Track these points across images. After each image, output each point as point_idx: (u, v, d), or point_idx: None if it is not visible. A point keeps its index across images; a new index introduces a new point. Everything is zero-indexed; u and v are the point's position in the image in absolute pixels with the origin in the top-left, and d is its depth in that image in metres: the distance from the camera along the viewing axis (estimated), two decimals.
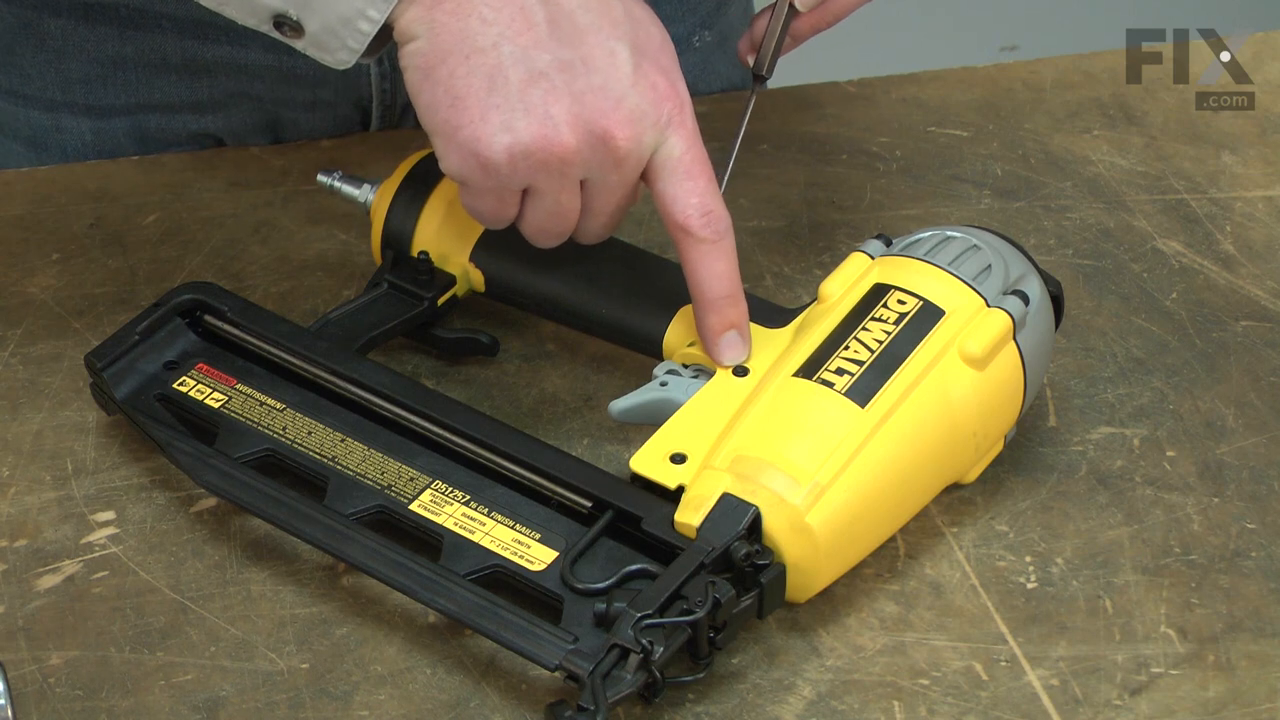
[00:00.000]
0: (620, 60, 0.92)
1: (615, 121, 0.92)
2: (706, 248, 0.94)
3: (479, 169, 0.93)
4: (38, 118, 1.20)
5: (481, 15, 0.91)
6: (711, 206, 0.94)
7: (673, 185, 0.94)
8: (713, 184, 0.95)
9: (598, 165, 0.93)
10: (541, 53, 0.91)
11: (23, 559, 0.94)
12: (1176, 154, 1.18)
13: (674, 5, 1.23)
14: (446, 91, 0.92)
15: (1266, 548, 0.94)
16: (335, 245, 1.11)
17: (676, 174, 0.94)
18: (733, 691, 0.88)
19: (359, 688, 0.88)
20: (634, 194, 0.96)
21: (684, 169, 0.94)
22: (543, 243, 0.97)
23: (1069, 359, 1.04)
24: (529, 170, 0.92)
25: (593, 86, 0.92)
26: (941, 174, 1.17)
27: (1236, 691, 0.87)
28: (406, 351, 1.05)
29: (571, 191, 0.94)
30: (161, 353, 0.99)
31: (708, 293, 0.95)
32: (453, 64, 0.92)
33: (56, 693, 0.88)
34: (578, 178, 0.93)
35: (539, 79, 0.91)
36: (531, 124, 0.91)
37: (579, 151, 0.92)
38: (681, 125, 0.94)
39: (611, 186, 0.94)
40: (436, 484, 0.93)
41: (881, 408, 0.90)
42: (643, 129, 0.92)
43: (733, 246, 0.95)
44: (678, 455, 0.91)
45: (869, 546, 0.92)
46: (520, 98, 0.91)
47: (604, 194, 0.95)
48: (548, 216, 0.95)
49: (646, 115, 0.93)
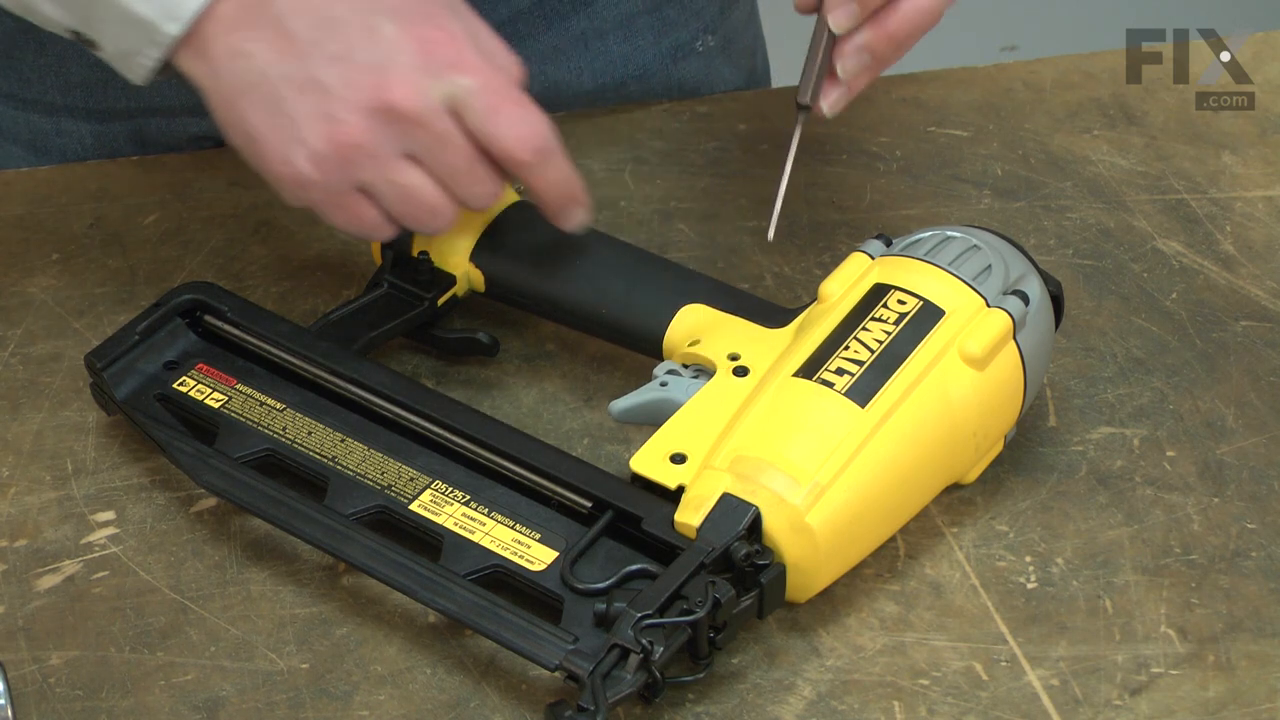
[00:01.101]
0: (382, 33, 0.94)
1: (389, 89, 0.93)
2: (539, 168, 0.96)
3: (301, 189, 0.95)
4: (38, 121, 1.20)
5: (244, 51, 0.94)
6: (523, 131, 0.95)
7: (480, 123, 0.95)
8: (520, 106, 0.95)
9: (400, 136, 0.94)
10: (306, 60, 0.93)
11: (23, 559, 0.94)
12: (1176, 154, 1.18)
13: (676, 10, 1.23)
14: (242, 134, 0.96)
15: (1266, 548, 0.94)
16: (335, 245, 1.11)
17: (479, 111, 0.94)
18: (733, 691, 0.88)
19: (359, 688, 0.88)
20: (468, 147, 0.95)
21: (484, 105, 0.94)
22: (428, 227, 0.97)
23: (1069, 359, 1.04)
24: (340, 170, 0.94)
25: (360, 67, 0.93)
26: (941, 174, 1.17)
27: (1236, 691, 0.87)
28: (406, 351, 1.05)
29: (399, 170, 0.95)
30: (161, 353, 0.99)
31: (553, 204, 0.98)
32: (239, 106, 0.95)
33: (56, 693, 0.88)
34: (392, 156, 0.94)
35: (310, 86, 0.93)
36: (317, 128, 0.93)
37: (370, 131, 0.93)
38: (462, 65, 0.94)
39: (434, 149, 0.95)
40: (436, 484, 0.93)
41: (881, 408, 0.90)
42: (419, 84, 0.93)
43: (560, 152, 0.97)
44: (678, 455, 0.91)
45: (869, 546, 0.92)
46: (300, 110, 0.93)
47: (435, 158, 0.95)
48: (400, 201, 0.96)
49: (418, 69, 0.93)
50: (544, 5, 1.20)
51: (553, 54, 1.21)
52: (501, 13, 1.19)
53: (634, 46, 1.22)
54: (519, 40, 1.20)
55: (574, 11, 1.20)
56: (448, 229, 0.98)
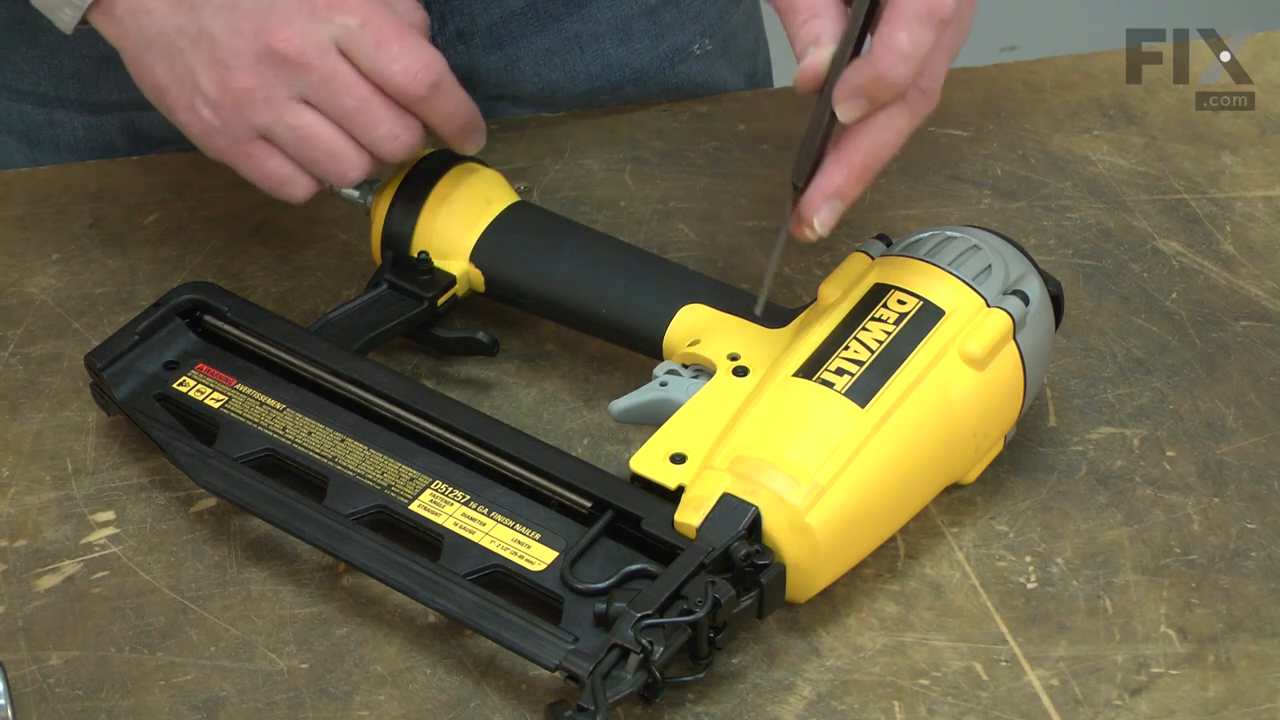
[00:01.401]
0: None
1: (271, 32, 0.96)
2: (433, 102, 0.98)
3: (207, 138, 0.99)
4: (31, 112, 1.20)
5: (145, 8, 0.99)
6: (411, 64, 0.98)
7: (370, 61, 0.97)
8: (406, 40, 0.98)
9: (289, 78, 0.97)
10: (197, 13, 0.97)
11: (23, 559, 0.94)
12: (1176, 154, 1.18)
13: (673, 13, 1.23)
14: (151, 88, 1.00)
15: (1266, 548, 0.94)
16: (335, 245, 1.11)
17: (366, 48, 0.97)
18: (733, 691, 0.88)
19: (359, 688, 0.88)
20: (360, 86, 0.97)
21: (370, 41, 0.97)
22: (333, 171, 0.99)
23: (1069, 359, 1.04)
24: (236, 115, 0.97)
25: (244, 14, 0.97)
26: (941, 174, 1.17)
27: (1236, 691, 0.87)
28: (406, 351, 1.05)
29: (292, 112, 0.98)
30: (161, 353, 0.99)
31: (452, 135, 1.02)
32: (145, 61, 0.99)
33: (56, 693, 0.88)
34: (283, 99, 0.97)
35: (202, 36, 0.97)
36: (211, 76, 0.97)
37: (259, 74, 0.97)
38: (344, 6, 0.97)
39: (322, 90, 0.97)
40: (436, 484, 0.93)
41: (881, 408, 0.90)
42: (299, 25, 0.96)
43: (453, 83, 0.99)
44: (678, 455, 0.91)
45: (869, 546, 0.92)
46: (195, 60, 0.97)
47: (324, 99, 0.98)
48: (299, 144, 0.98)
49: (300, 12, 0.96)
50: (536, 7, 1.20)
51: (546, 56, 1.21)
52: (494, 14, 1.19)
53: (630, 50, 1.22)
54: (511, 41, 1.20)
55: (567, 14, 1.20)
56: (358, 176, 1.00)
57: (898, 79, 0.88)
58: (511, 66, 1.21)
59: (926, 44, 0.87)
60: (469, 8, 1.18)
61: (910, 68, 0.88)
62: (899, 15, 0.87)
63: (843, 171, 0.91)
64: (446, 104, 1.00)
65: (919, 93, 0.90)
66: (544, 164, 1.17)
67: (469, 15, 1.19)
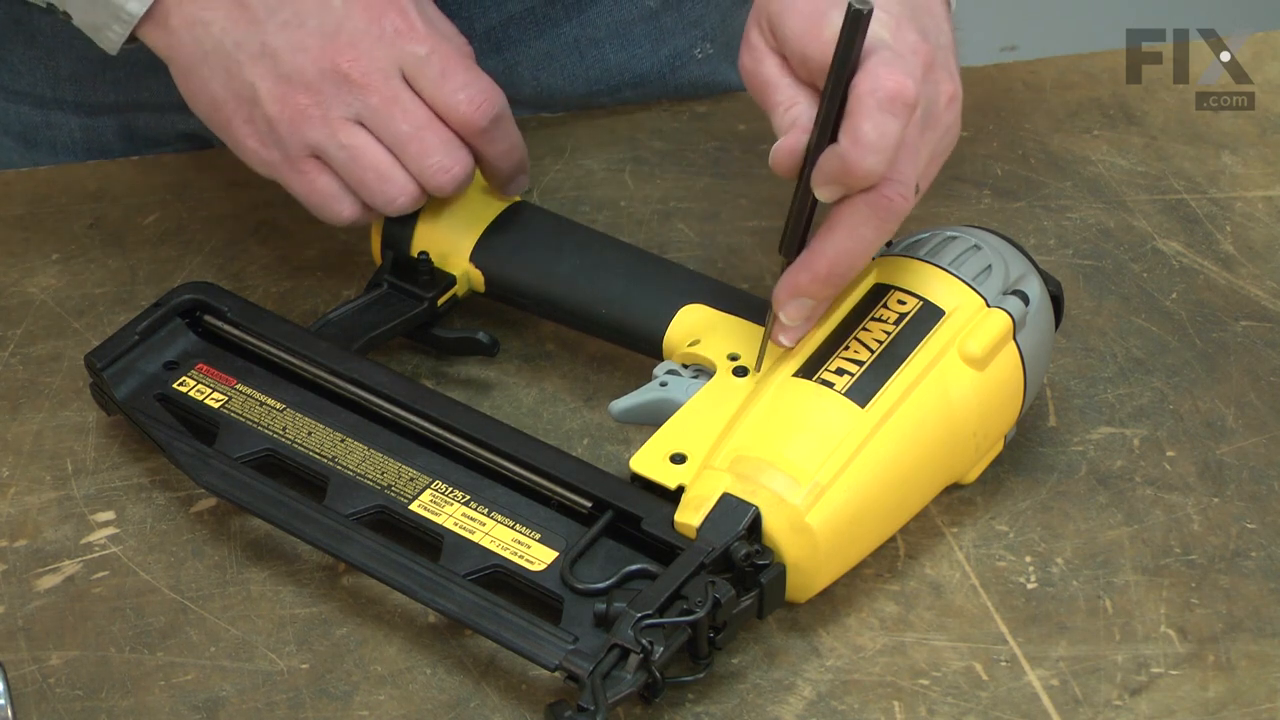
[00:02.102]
0: (333, 2, 0.97)
1: (337, 52, 0.97)
2: (492, 134, 0.99)
3: (262, 151, 0.99)
4: (28, 113, 1.21)
5: (202, 20, 0.98)
6: (475, 95, 0.98)
7: (433, 89, 0.98)
8: (471, 71, 0.98)
9: (350, 98, 0.97)
10: (260, 28, 0.97)
11: (23, 559, 0.94)
12: (1176, 154, 1.18)
13: (674, 18, 1.23)
14: (205, 102, 1.00)
15: (1266, 548, 0.94)
16: (335, 245, 1.11)
17: (430, 77, 0.98)
18: (733, 691, 0.88)
19: (359, 688, 0.88)
20: (418, 114, 0.98)
21: (435, 70, 0.98)
22: (381, 195, 0.99)
23: (1069, 359, 1.04)
24: (292, 131, 0.97)
25: (310, 32, 0.97)
26: (942, 174, 1.16)
27: (1236, 691, 0.87)
28: (406, 351, 1.05)
29: (347, 132, 0.98)
30: (161, 353, 0.99)
31: (503, 172, 1.02)
32: (200, 74, 0.99)
33: (56, 693, 0.88)
34: (340, 119, 0.97)
35: (263, 52, 0.97)
36: (270, 91, 0.97)
37: (319, 92, 0.97)
38: (412, 31, 0.98)
39: (381, 113, 0.98)
40: (436, 484, 0.93)
41: (881, 408, 0.90)
42: (367, 48, 0.97)
43: (509, 117, 1.00)
44: (678, 455, 0.91)
45: (869, 546, 0.92)
46: (254, 75, 0.98)
47: (381, 122, 0.98)
48: (349, 164, 0.98)
49: (366, 34, 0.97)
50: (535, 12, 1.19)
51: (545, 61, 1.21)
52: (492, 18, 1.19)
53: (630, 55, 1.22)
54: (510, 46, 1.20)
55: (566, 19, 1.20)
56: (405, 204, 0.99)
57: (866, 170, 0.86)
58: (509, 71, 1.20)
59: (893, 132, 0.85)
60: (466, 12, 1.18)
61: (879, 158, 0.85)
62: (861, 105, 0.85)
63: (807, 274, 0.90)
64: (504, 139, 1.00)
65: (888, 196, 0.87)
66: (544, 164, 1.17)
67: (466, 20, 1.19)
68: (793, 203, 0.90)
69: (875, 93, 0.85)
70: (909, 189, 0.88)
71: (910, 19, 0.90)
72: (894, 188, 0.87)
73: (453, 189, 1.00)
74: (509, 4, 1.19)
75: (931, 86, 0.90)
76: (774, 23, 0.91)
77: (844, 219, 0.88)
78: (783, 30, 0.90)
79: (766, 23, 0.91)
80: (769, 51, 0.91)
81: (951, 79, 0.92)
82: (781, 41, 0.90)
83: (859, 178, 0.86)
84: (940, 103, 0.91)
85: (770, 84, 0.91)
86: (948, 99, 0.91)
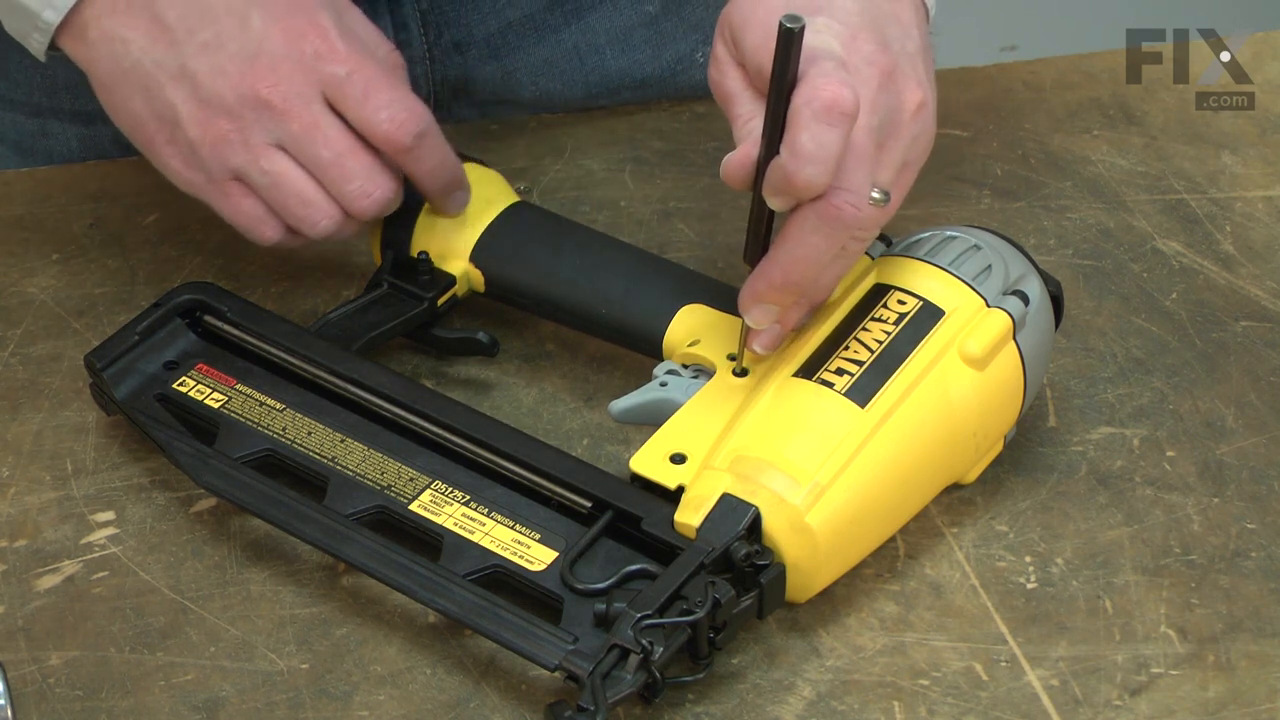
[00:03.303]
0: (252, 23, 0.97)
1: (256, 78, 0.96)
2: (418, 153, 0.98)
3: (186, 172, 0.99)
4: (24, 122, 1.20)
5: (120, 37, 0.98)
6: (397, 114, 0.97)
7: (354, 110, 0.97)
8: (394, 90, 0.97)
9: (270, 124, 0.96)
10: (179, 49, 0.97)
11: (23, 559, 0.94)
12: (1176, 154, 1.18)
13: (673, 22, 1.23)
14: (127, 118, 1.00)
15: (1266, 548, 0.94)
16: (335, 245, 1.11)
17: (352, 98, 0.97)
18: (733, 691, 0.88)
19: (359, 688, 0.88)
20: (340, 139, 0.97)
21: (357, 90, 0.97)
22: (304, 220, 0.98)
23: (1069, 359, 1.04)
24: (215, 156, 0.97)
25: (230, 56, 0.96)
26: (941, 174, 1.17)
27: (1236, 691, 0.87)
28: (406, 351, 1.05)
29: (271, 160, 0.97)
30: (161, 353, 0.99)
31: (434, 189, 1.01)
32: (120, 91, 0.99)
33: (56, 693, 0.88)
34: (262, 144, 0.97)
35: (184, 74, 0.97)
36: (191, 115, 0.97)
37: (241, 118, 0.96)
38: (332, 53, 0.97)
39: (302, 138, 0.97)
40: (436, 484, 0.93)
41: (881, 408, 0.90)
42: (287, 72, 0.96)
43: (439, 136, 0.99)
44: (678, 455, 0.91)
45: (869, 546, 0.92)
46: (175, 97, 0.97)
47: (302, 148, 0.97)
48: (272, 190, 0.98)
49: (286, 58, 0.96)
50: (535, 18, 1.19)
51: (545, 67, 1.21)
52: (490, 25, 1.19)
53: (631, 60, 1.22)
54: (509, 53, 1.20)
55: (565, 25, 1.20)
56: (329, 228, 0.99)
57: (805, 180, 0.85)
58: (508, 77, 1.20)
59: (831, 142, 0.85)
60: (465, 19, 1.18)
61: (817, 168, 0.85)
62: (798, 117, 0.85)
63: (764, 282, 0.90)
64: (431, 157, 0.99)
65: (836, 205, 0.87)
66: (544, 164, 1.17)
67: (465, 27, 1.19)
68: (751, 212, 0.91)
69: (811, 103, 0.85)
70: (859, 197, 0.87)
71: (870, 29, 0.90)
72: (842, 196, 0.87)
73: (375, 212, 0.99)
74: (508, 10, 1.19)
75: (892, 96, 0.90)
76: (735, 36, 0.91)
77: (795, 228, 0.89)
78: (743, 43, 0.90)
79: (730, 35, 0.92)
80: (732, 64, 0.92)
81: (920, 86, 0.91)
82: (742, 54, 0.91)
83: (800, 188, 0.86)
84: (905, 110, 0.91)
85: (732, 96, 0.92)
86: (915, 106, 0.91)
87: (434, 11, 1.18)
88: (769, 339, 0.93)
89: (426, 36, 1.19)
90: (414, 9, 1.18)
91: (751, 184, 0.89)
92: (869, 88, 0.88)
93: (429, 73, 1.20)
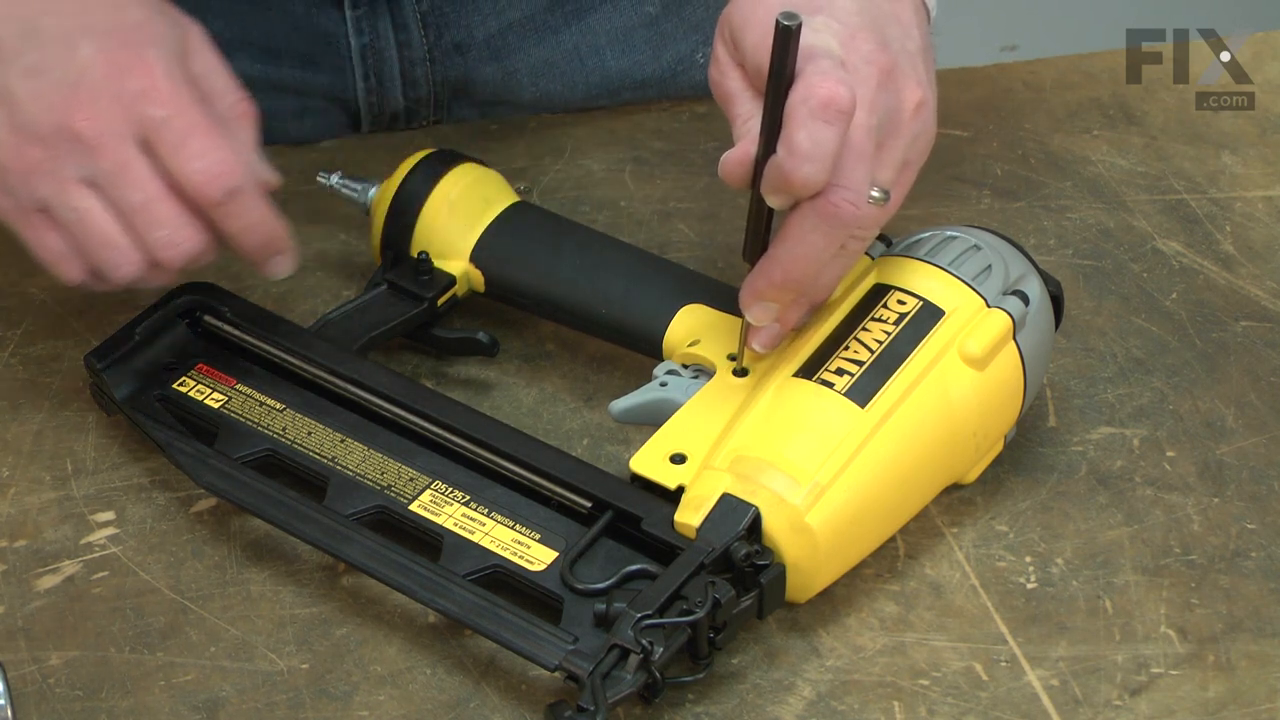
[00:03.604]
0: (80, 52, 0.92)
1: (74, 109, 0.91)
2: (230, 209, 0.93)
3: None
4: None
5: None
6: (210, 166, 0.92)
7: (168, 155, 0.92)
8: (212, 139, 0.92)
9: (82, 159, 0.92)
10: (4, 68, 0.92)
11: (23, 559, 0.94)
12: (1176, 154, 1.18)
13: (674, 23, 1.23)
14: None
15: (1266, 548, 0.94)
16: (335, 245, 1.11)
17: (168, 143, 0.92)
18: (733, 691, 0.88)
19: (359, 688, 0.88)
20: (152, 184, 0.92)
21: (175, 136, 0.92)
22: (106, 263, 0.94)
23: (1069, 359, 1.04)
24: (22, 184, 0.92)
25: (51, 83, 0.91)
26: (941, 174, 1.17)
27: (1236, 691, 0.87)
28: (406, 351, 1.05)
29: (79, 197, 0.92)
30: (161, 353, 0.99)
31: (249, 249, 0.95)
32: None
33: (56, 693, 0.88)
34: (70, 179, 0.92)
35: (5, 95, 0.92)
36: (6, 138, 0.92)
37: (54, 149, 0.91)
38: (154, 92, 0.91)
39: (113, 178, 0.92)
40: (436, 484, 0.93)
41: (881, 408, 0.90)
42: (104, 107, 0.91)
43: (256, 193, 0.93)
44: (678, 455, 0.91)
45: (869, 546, 0.92)
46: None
47: (112, 188, 0.92)
48: (76, 227, 0.93)
49: (106, 92, 0.91)
50: (535, 19, 1.19)
51: (545, 68, 1.21)
52: (490, 26, 1.19)
53: (632, 61, 1.22)
54: (510, 54, 1.20)
55: (566, 26, 1.20)
56: (131, 273, 0.94)
57: (802, 178, 0.85)
58: (509, 78, 1.20)
59: (827, 140, 0.85)
60: (466, 20, 1.18)
61: (814, 166, 0.85)
62: (794, 114, 0.85)
63: (764, 280, 0.90)
64: (244, 215, 0.94)
65: (834, 203, 0.87)
66: (544, 164, 1.17)
67: (465, 28, 1.19)
68: (750, 211, 0.91)
69: (808, 101, 0.85)
70: (858, 195, 0.87)
71: (869, 29, 0.90)
72: (840, 194, 0.87)
73: (182, 263, 0.94)
74: (509, 11, 1.19)
75: (891, 95, 0.90)
76: (735, 36, 0.91)
77: (794, 226, 0.89)
78: (743, 44, 0.90)
79: (730, 35, 0.92)
80: (732, 64, 0.92)
81: (920, 85, 0.91)
82: (742, 54, 0.91)
83: (797, 186, 0.86)
84: (905, 109, 0.91)
85: (732, 96, 0.91)
86: (915, 105, 0.91)
87: (434, 12, 1.18)
88: (769, 337, 0.93)
89: (427, 37, 1.19)
90: (414, 10, 1.18)
91: (749, 182, 0.89)
92: (867, 86, 0.88)
93: (429, 73, 1.20)
